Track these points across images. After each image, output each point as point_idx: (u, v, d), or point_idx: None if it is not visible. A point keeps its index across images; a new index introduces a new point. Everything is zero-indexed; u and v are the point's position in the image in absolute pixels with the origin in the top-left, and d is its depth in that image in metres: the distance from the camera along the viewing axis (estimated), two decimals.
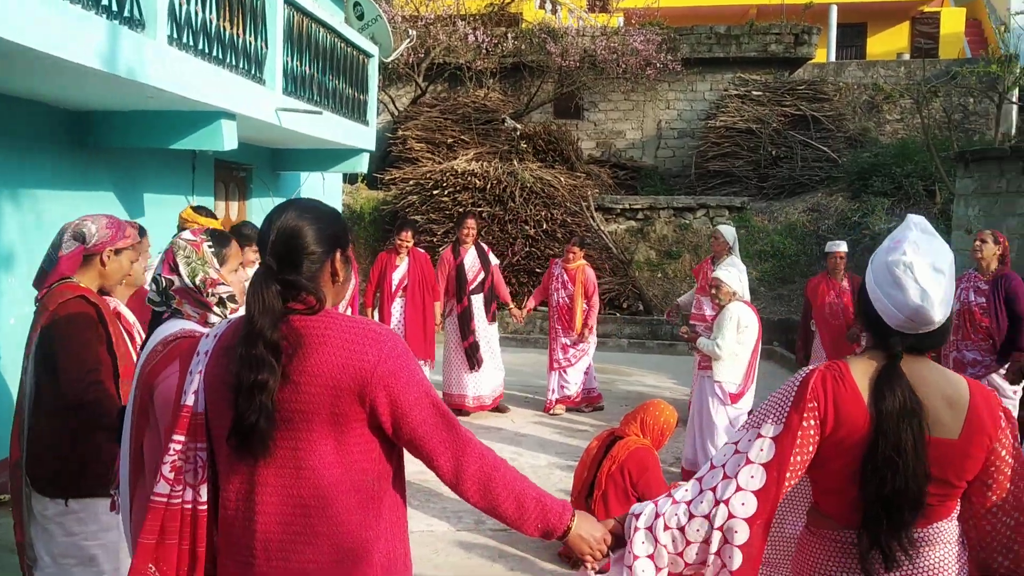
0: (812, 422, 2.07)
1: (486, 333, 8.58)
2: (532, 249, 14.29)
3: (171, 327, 2.66)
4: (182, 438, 2.09)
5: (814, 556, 2.18)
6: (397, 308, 8.19)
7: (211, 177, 8.85)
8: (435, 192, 14.80)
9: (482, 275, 8.56)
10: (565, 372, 8.74)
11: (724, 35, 18.36)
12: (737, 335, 6.16)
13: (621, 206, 15.82)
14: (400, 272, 8.26)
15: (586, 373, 8.85)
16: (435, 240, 14.32)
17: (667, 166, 18.64)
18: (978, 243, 6.61)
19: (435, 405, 2.07)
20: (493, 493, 2.08)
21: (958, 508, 2.15)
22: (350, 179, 15.96)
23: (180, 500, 2.09)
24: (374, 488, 2.06)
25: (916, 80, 17.26)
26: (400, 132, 16.87)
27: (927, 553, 2.10)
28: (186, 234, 2.80)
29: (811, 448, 2.08)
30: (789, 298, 14.02)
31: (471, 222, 8.65)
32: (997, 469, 2.09)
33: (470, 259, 8.55)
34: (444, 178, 14.86)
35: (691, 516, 2.12)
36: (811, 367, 2.15)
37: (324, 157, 10.18)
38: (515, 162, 15.39)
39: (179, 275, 2.70)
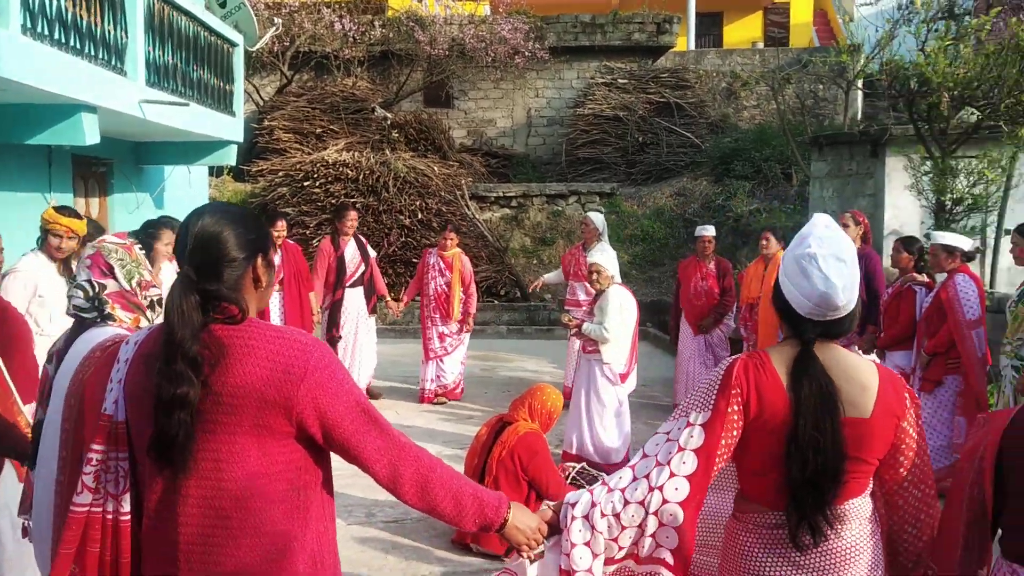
0: (736, 407, 2.18)
1: (366, 324, 8.57)
2: (408, 239, 14.23)
3: (103, 333, 2.56)
4: (101, 447, 2.03)
5: (742, 541, 2.28)
6: (275, 302, 8.02)
7: (68, 173, 8.41)
8: (306, 184, 14.53)
9: (362, 267, 8.54)
10: (442, 361, 8.76)
11: (589, 24, 18.70)
12: (620, 317, 6.34)
13: (495, 194, 15.94)
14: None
15: (462, 363, 8.92)
16: (308, 232, 14.07)
17: (538, 154, 18.88)
18: (841, 226, 6.96)
19: (366, 412, 2.04)
20: (431, 494, 2.08)
21: (871, 485, 2.29)
22: (216, 172, 15.46)
23: (101, 510, 2.02)
24: (300, 497, 2.02)
25: (770, 68, 18.06)
26: (266, 122, 16.45)
27: (846, 528, 2.23)
28: (111, 237, 2.70)
29: (736, 432, 2.20)
30: (659, 280, 14.47)
31: (353, 214, 8.62)
32: (906, 446, 2.24)
33: (350, 251, 8.51)
34: (315, 169, 14.60)
35: (626, 503, 2.21)
36: (734, 356, 2.28)
37: (190, 150, 9.83)
38: (387, 152, 15.27)
39: (115, 278, 2.61)
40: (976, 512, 2.23)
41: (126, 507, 2.03)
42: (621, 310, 6.37)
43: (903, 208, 9.85)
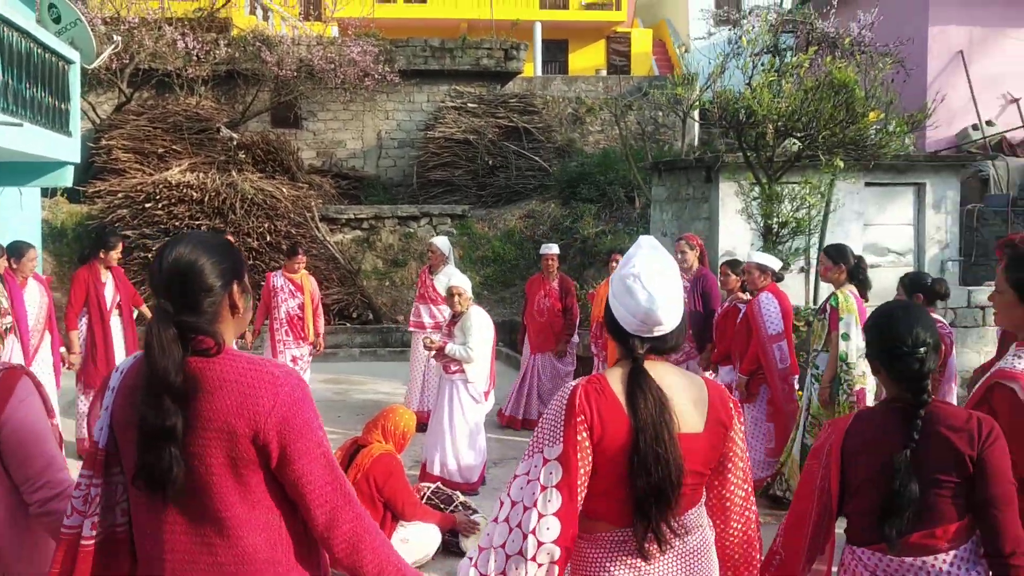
0: (584, 434, 2.24)
1: None
2: (256, 262, 13.95)
3: None
4: (88, 472, 2.08)
5: (589, 555, 2.35)
6: (117, 327, 7.74)
7: None
8: (148, 205, 14.03)
9: None
10: None
11: (439, 48, 18.93)
12: (481, 336, 6.52)
13: (346, 216, 15.86)
14: (110, 289, 7.82)
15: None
16: (150, 256, 13.58)
17: (389, 175, 18.91)
18: (679, 255, 7.37)
19: (325, 456, 2.06)
20: (359, 555, 2.09)
21: (704, 495, 2.43)
22: (49, 193, 14.70)
23: (80, 531, 2.09)
24: (282, 524, 2.06)
25: (613, 95, 18.80)
26: (104, 141, 15.78)
27: (687, 538, 2.35)
28: None
29: (590, 457, 2.25)
30: (511, 300, 14.75)
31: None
32: (733, 453, 2.40)
33: None
34: (157, 190, 14.12)
35: (507, 557, 2.24)
36: (575, 382, 2.33)
37: (22, 170, 9.36)
38: (233, 173, 14.94)
39: None
40: (824, 503, 2.50)
41: (88, 532, 2.07)
42: (482, 330, 6.55)
43: (736, 231, 10.48)
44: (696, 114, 14.47)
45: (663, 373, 2.34)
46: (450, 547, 5.39)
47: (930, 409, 2.45)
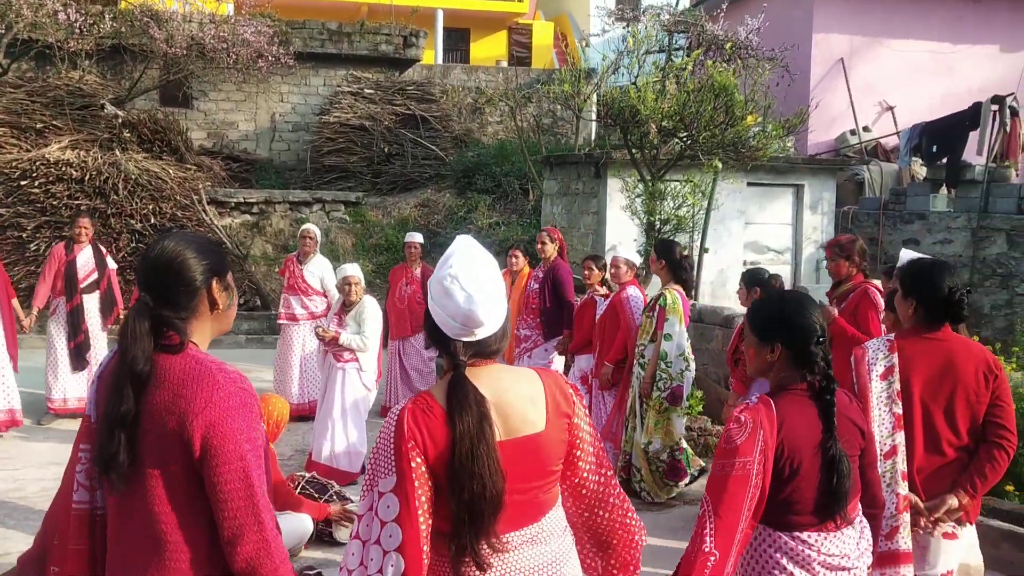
0: (418, 459, 2.13)
1: (98, 337, 8.26)
2: (139, 245, 13.53)
3: None
4: (87, 446, 2.15)
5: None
6: None
7: None
8: (23, 183, 13.43)
9: (95, 275, 8.32)
10: None
11: (336, 32, 18.67)
12: (375, 326, 6.58)
13: (235, 200, 15.53)
14: None
15: None
16: (24, 236, 13.05)
17: (282, 159, 18.59)
18: (540, 245, 7.60)
19: (244, 471, 2.02)
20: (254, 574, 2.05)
21: (559, 493, 2.34)
22: None
23: (90, 505, 2.17)
24: (205, 528, 2.06)
25: (512, 86, 18.91)
26: None
27: (530, 551, 2.23)
28: None
29: (429, 481, 2.15)
30: None
31: (84, 221, 8.45)
32: (581, 439, 2.32)
33: (84, 257, 8.30)
34: (34, 167, 13.53)
35: None
36: (400, 406, 2.22)
37: None
38: (117, 152, 14.43)
39: None
40: (757, 498, 2.51)
41: (101, 502, 2.17)
42: (376, 320, 6.59)
43: (622, 226, 10.74)
44: (593, 110, 14.71)
45: (496, 376, 2.26)
46: (323, 537, 5.40)
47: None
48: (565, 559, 2.31)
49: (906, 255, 3.93)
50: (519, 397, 2.24)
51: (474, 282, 2.22)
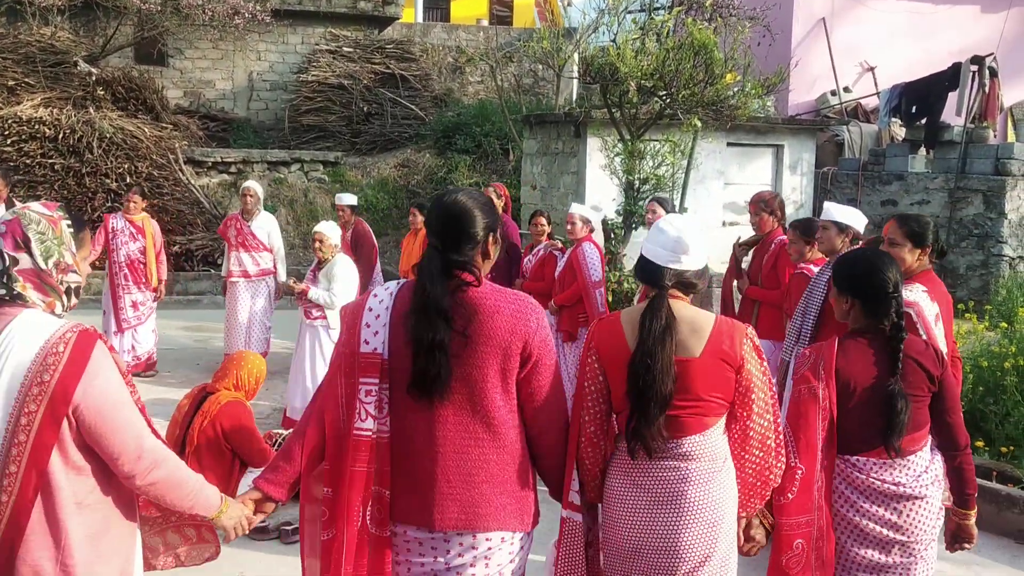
0: (594, 363, 2.77)
1: None
2: (115, 204, 13.38)
3: (41, 319, 2.31)
4: (375, 380, 2.49)
5: (610, 469, 2.82)
6: None
7: None
8: None
9: None
10: (136, 331, 8.48)
11: None
12: (346, 284, 6.54)
13: (212, 159, 15.37)
14: None
15: (154, 332, 8.67)
16: None
17: (260, 119, 18.37)
18: (493, 197, 7.84)
19: (559, 376, 2.62)
20: (555, 455, 2.75)
21: (715, 429, 2.74)
22: None
23: (375, 433, 2.49)
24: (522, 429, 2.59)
25: (493, 46, 18.72)
26: None
27: (690, 465, 2.68)
28: (36, 206, 2.35)
29: (601, 377, 2.76)
30: (382, 250, 14.59)
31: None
32: (753, 385, 2.72)
33: None
34: (6, 126, 13.33)
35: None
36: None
37: None
38: (92, 110, 14.22)
39: (29, 253, 2.28)
40: (828, 422, 2.95)
41: (388, 427, 2.51)
42: (347, 278, 6.57)
43: (602, 185, 10.71)
44: (574, 70, 14.61)
45: (681, 307, 2.74)
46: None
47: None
48: (712, 483, 2.69)
49: (834, 210, 4.56)
50: (685, 324, 2.71)
51: (682, 221, 2.80)
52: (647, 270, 2.77)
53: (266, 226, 8.60)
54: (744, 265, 6.27)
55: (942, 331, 3.69)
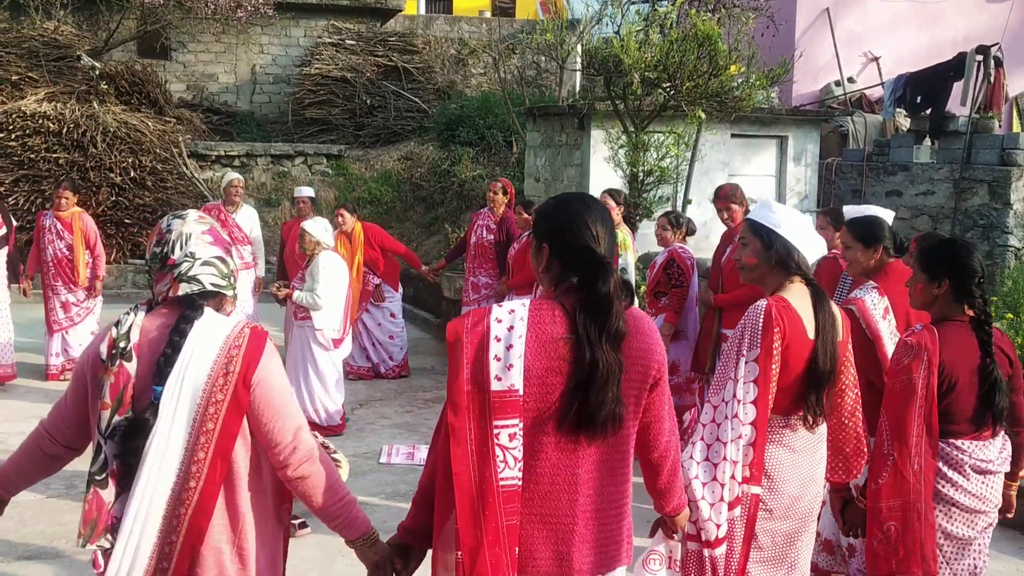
0: (778, 341, 2.85)
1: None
2: (119, 199, 13.43)
3: (218, 317, 2.41)
4: (515, 420, 2.18)
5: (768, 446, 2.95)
6: None
7: None
8: (0, 136, 13.26)
9: (3, 229, 8.01)
10: (68, 333, 8.30)
11: None
12: (329, 283, 6.44)
13: (216, 153, 15.38)
14: None
15: (92, 334, 8.58)
16: (2, 190, 12.90)
17: (263, 112, 18.37)
18: (491, 194, 8.18)
19: (670, 394, 2.46)
20: (676, 476, 2.60)
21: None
22: None
23: (517, 480, 2.20)
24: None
25: (496, 37, 18.67)
26: None
27: (820, 430, 2.99)
28: (198, 213, 2.54)
29: (778, 359, 2.85)
30: None
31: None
32: (847, 359, 3.01)
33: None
34: (11, 120, 13.38)
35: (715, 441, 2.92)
36: (764, 300, 2.91)
37: None
38: (95, 104, 14.23)
39: (231, 257, 2.50)
40: (926, 407, 3.10)
41: (517, 475, 2.20)
42: (332, 276, 6.47)
43: (605, 178, 10.68)
44: (578, 61, 14.57)
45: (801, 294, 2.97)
46: None
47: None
48: (823, 461, 3.04)
49: (851, 211, 4.33)
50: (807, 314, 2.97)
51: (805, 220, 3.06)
52: (788, 262, 2.96)
53: (249, 219, 8.66)
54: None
55: (892, 324, 3.68)
